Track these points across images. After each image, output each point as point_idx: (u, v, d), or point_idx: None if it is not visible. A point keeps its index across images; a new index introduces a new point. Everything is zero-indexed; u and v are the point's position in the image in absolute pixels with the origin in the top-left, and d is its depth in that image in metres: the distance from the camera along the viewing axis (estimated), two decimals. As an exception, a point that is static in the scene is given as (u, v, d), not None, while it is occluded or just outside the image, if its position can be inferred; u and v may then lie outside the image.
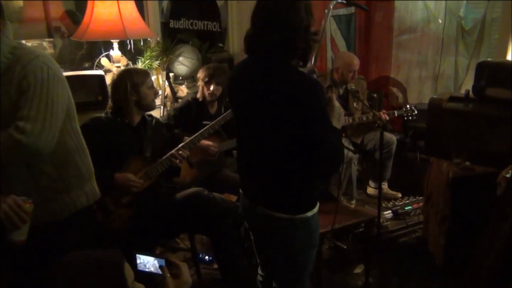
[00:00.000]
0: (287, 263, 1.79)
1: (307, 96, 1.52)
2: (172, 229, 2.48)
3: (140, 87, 2.32)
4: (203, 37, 4.61)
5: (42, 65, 1.57)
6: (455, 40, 4.28)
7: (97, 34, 3.00)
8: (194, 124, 2.93)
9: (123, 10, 2.99)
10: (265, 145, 1.65)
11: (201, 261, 2.87)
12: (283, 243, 1.75)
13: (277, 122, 1.58)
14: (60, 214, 1.69)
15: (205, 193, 2.49)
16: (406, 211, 3.45)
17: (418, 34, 4.46)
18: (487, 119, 2.63)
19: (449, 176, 2.67)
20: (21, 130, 1.50)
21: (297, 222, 1.68)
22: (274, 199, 1.70)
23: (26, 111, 1.52)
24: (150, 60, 3.67)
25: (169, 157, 2.39)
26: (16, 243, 1.51)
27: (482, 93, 2.69)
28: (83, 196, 1.76)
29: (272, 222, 1.71)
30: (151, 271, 1.30)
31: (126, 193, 2.24)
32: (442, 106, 2.80)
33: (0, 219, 1.46)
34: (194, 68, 3.93)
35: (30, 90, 1.53)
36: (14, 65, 1.54)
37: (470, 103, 2.74)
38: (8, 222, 1.47)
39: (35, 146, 1.53)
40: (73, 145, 1.73)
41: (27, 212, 1.49)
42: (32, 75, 1.54)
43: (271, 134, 1.61)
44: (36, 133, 1.52)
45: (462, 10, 4.20)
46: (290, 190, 1.67)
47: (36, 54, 1.58)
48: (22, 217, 1.48)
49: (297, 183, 1.67)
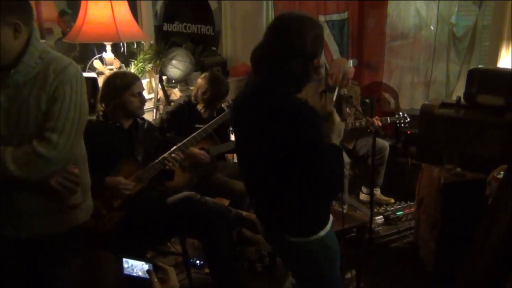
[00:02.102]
0: (312, 281, 1.81)
1: (300, 129, 1.51)
2: (164, 233, 2.47)
3: (122, 93, 2.30)
4: (197, 40, 4.61)
5: (77, 74, 1.56)
6: (447, 47, 4.32)
7: (90, 36, 2.98)
8: (187, 127, 2.93)
9: (116, 13, 2.98)
10: (268, 174, 1.65)
11: (192, 266, 2.85)
12: (304, 264, 1.77)
13: (275, 152, 1.58)
14: (60, 227, 1.66)
15: (197, 197, 2.48)
16: (398, 216, 3.47)
17: (410, 40, 4.49)
18: (478, 125, 2.65)
19: (440, 182, 2.68)
20: (48, 142, 1.48)
21: (313, 243, 1.69)
22: (286, 224, 1.71)
23: (56, 121, 1.50)
24: (143, 63, 3.66)
25: (161, 160, 2.38)
26: (75, 206, 1.65)
27: (473, 100, 2.71)
28: (84, 211, 1.75)
29: (289, 245, 1.72)
30: (138, 275, 1.29)
31: (118, 196, 2.23)
32: (433, 112, 2.82)
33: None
34: (187, 71, 3.92)
35: (66, 100, 1.51)
36: (46, 70, 1.51)
37: (461, 110, 2.77)
38: (65, 190, 1.56)
39: (62, 158, 1.53)
40: (79, 155, 1.72)
41: (77, 175, 1.59)
42: (68, 84, 1.52)
43: (271, 164, 1.61)
44: (62, 145, 1.51)
45: (454, 17, 4.24)
46: (299, 214, 1.68)
47: (69, 61, 1.56)
48: (76, 181, 1.58)
49: (304, 207, 1.67)
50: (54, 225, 1.64)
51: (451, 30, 4.27)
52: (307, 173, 1.56)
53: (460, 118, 2.74)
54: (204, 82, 3.07)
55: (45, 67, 1.51)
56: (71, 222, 1.68)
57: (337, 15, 4.44)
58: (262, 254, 2.99)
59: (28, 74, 1.51)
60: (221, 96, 3.12)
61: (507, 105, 2.56)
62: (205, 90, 3.05)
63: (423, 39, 4.44)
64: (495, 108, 2.60)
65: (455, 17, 4.24)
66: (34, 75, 1.50)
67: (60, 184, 1.55)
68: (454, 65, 4.33)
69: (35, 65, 1.51)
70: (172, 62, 3.84)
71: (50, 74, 1.50)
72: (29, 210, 1.58)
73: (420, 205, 3.02)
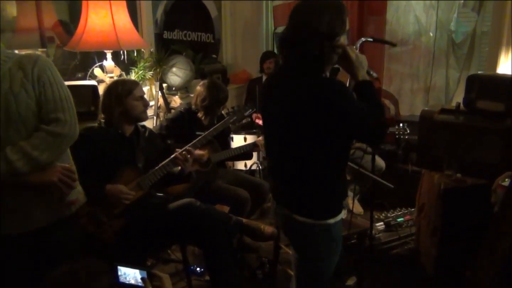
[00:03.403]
0: (306, 266, 1.85)
1: (336, 100, 1.56)
2: (164, 240, 2.46)
3: (125, 98, 2.32)
4: (197, 48, 4.63)
5: (48, 60, 1.70)
6: (446, 53, 4.33)
7: (90, 45, 3.00)
8: (187, 134, 2.93)
9: (116, 21, 3.00)
10: (295, 149, 1.69)
11: (192, 273, 2.85)
12: (304, 247, 1.82)
13: (309, 129, 1.62)
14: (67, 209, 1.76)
15: (197, 204, 2.48)
16: (398, 222, 3.46)
17: (410, 47, 4.51)
18: (478, 131, 2.66)
19: (440, 188, 2.68)
20: (58, 121, 1.62)
21: (318, 228, 1.71)
22: (297, 202, 1.75)
23: (55, 103, 1.63)
24: (143, 71, 3.67)
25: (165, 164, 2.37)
26: (73, 202, 1.75)
27: (472, 106, 2.72)
28: (82, 192, 1.86)
29: (294, 224, 1.75)
30: (132, 283, 1.28)
31: (118, 204, 2.23)
32: (433, 118, 2.83)
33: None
34: (187, 79, 3.94)
35: (53, 84, 1.64)
36: (19, 63, 1.59)
37: (461, 115, 2.77)
38: (65, 186, 1.64)
39: (73, 133, 1.68)
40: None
41: (75, 172, 1.70)
42: (48, 70, 1.64)
43: (301, 139, 1.65)
44: (69, 121, 1.66)
45: (453, 23, 4.26)
46: (314, 194, 1.71)
47: (37, 53, 1.72)
48: (73, 177, 1.67)
49: (322, 188, 1.70)
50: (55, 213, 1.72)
51: (450, 37, 4.29)
52: (336, 151, 1.66)
53: (460, 124, 2.75)
54: (203, 90, 3.08)
55: (15, 62, 1.59)
56: (75, 205, 1.79)
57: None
58: (262, 262, 2.98)
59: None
60: (220, 103, 3.13)
61: (506, 110, 2.57)
62: (204, 97, 3.06)
63: (423, 46, 4.46)
64: (494, 114, 2.61)
65: (454, 24, 4.26)
66: (6, 70, 1.57)
67: (61, 180, 1.63)
68: (454, 71, 4.34)
69: (3, 62, 1.58)
70: (173, 70, 3.86)
71: (26, 64, 1.59)
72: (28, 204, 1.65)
73: (421, 211, 3.02)
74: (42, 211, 1.68)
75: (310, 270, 1.85)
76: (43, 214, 1.68)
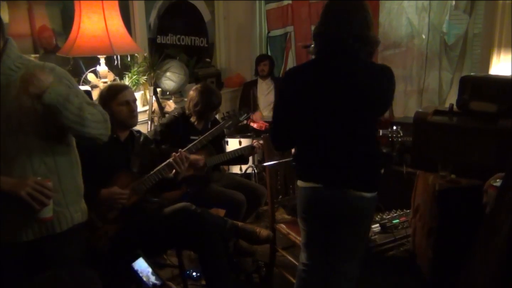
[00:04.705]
0: (361, 239, 2.00)
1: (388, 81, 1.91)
2: (160, 245, 2.45)
3: (109, 103, 2.30)
4: (191, 52, 4.63)
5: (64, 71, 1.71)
6: (439, 55, 4.36)
7: (83, 50, 2.99)
8: (181, 139, 2.92)
9: (110, 26, 2.99)
10: (351, 130, 1.85)
11: (188, 278, 2.84)
12: (365, 221, 1.99)
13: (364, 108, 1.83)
14: (57, 227, 1.69)
15: (192, 208, 2.47)
16: (394, 224, 3.45)
17: (403, 49, 4.54)
18: (471, 132, 2.67)
19: (435, 189, 2.69)
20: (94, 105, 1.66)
21: (374, 200, 1.93)
22: (363, 181, 1.89)
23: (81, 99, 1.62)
24: (137, 76, 3.67)
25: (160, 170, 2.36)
26: (46, 220, 1.60)
27: (465, 107, 2.73)
28: (79, 212, 1.78)
29: (362, 203, 1.89)
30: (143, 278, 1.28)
31: (113, 208, 2.22)
32: (427, 120, 2.84)
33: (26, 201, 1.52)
34: (181, 83, 3.93)
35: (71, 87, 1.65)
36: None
37: (454, 117, 2.78)
38: (35, 202, 1.53)
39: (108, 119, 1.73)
40: (74, 158, 1.77)
41: (49, 188, 1.55)
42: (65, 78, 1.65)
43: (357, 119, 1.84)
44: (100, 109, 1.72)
45: (445, 26, 4.29)
46: (375, 169, 1.93)
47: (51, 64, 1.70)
48: (47, 194, 1.54)
49: (378, 162, 1.95)
50: (50, 224, 1.67)
51: (442, 39, 4.32)
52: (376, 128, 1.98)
53: (454, 125, 2.76)
54: (196, 94, 3.07)
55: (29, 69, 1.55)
56: (67, 222, 1.71)
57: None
58: (259, 265, 2.97)
59: (9, 77, 1.55)
60: (213, 107, 3.12)
61: (499, 111, 2.59)
62: (197, 102, 3.05)
63: (415, 48, 4.49)
64: (487, 115, 2.62)
65: (446, 26, 4.29)
66: (17, 78, 1.54)
67: (30, 196, 1.52)
68: (447, 73, 4.37)
69: (16, 68, 1.56)
70: (166, 74, 3.85)
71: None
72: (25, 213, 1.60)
73: (416, 212, 3.02)
74: (27, 224, 1.63)
75: (361, 242, 2.01)
76: (29, 227, 1.63)
